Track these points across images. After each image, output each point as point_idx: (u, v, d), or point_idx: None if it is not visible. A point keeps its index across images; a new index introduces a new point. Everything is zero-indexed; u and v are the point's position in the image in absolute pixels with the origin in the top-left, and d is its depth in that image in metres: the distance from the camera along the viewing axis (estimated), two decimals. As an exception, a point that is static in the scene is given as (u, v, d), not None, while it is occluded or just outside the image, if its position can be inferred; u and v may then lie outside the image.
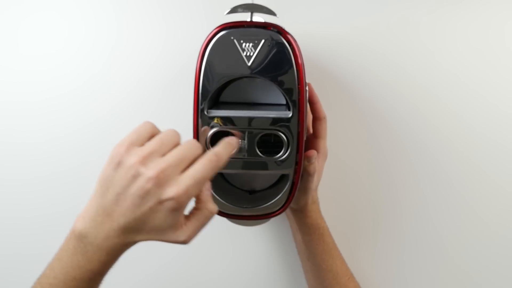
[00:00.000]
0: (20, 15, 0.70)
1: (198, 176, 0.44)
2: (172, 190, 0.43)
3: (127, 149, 0.44)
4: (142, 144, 0.45)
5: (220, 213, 0.60)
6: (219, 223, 0.69)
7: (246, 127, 0.56)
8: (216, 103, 0.60)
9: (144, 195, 0.43)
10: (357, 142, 0.73)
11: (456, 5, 0.70)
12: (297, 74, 0.55)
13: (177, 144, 0.46)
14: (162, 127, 0.72)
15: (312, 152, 0.59)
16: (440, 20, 0.70)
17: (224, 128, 0.56)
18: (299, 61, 0.55)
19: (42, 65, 0.71)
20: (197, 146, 0.46)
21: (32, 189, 0.74)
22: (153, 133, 0.47)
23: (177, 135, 0.47)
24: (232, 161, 0.57)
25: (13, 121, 0.73)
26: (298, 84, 0.55)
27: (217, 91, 0.57)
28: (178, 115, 0.72)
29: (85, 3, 0.70)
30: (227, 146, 0.48)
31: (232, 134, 0.56)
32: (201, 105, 0.56)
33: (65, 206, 0.74)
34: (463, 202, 0.75)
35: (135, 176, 0.43)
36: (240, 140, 0.56)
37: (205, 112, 0.56)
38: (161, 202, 0.43)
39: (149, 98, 0.72)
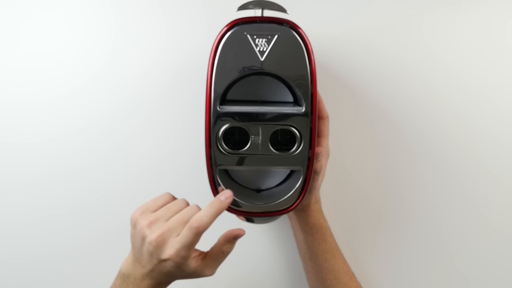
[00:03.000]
0: (20, 16, 0.69)
1: (183, 241, 0.52)
2: (167, 252, 0.52)
3: (141, 213, 0.55)
4: (155, 210, 0.55)
5: (232, 210, 0.59)
6: (219, 223, 0.68)
7: (259, 123, 0.56)
8: (222, 101, 0.60)
9: (151, 254, 0.53)
10: (360, 140, 0.74)
11: (458, 5, 0.72)
12: (310, 69, 0.55)
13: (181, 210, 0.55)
14: (161, 126, 0.71)
15: (320, 149, 0.59)
16: (442, 19, 0.72)
17: (236, 124, 0.56)
18: (312, 56, 0.55)
19: (42, 64, 0.70)
20: (194, 208, 0.55)
21: (32, 189, 0.72)
22: (168, 202, 0.56)
23: (184, 203, 0.56)
24: (246, 158, 0.57)
25: (13, 121, 0.71)
26: (311, 79, 0.55)
27: (229, 86, 0.56)
28: (178, 115, 0.71)
29: (84, 3, 0.69)
30: (214, 205, 0.54)
31: (244, 130, 0.56)
32: (213, 100, 0.55)
33: (65, 206, 0.73)
34: (468, 201, 0.76)
35: (143, 238, 0.53)
36: (253, 135, 0.56)
37: (218, 108, 0.55)
38: (162, 261, 0.52)
39: (149, 97, 0.71)
